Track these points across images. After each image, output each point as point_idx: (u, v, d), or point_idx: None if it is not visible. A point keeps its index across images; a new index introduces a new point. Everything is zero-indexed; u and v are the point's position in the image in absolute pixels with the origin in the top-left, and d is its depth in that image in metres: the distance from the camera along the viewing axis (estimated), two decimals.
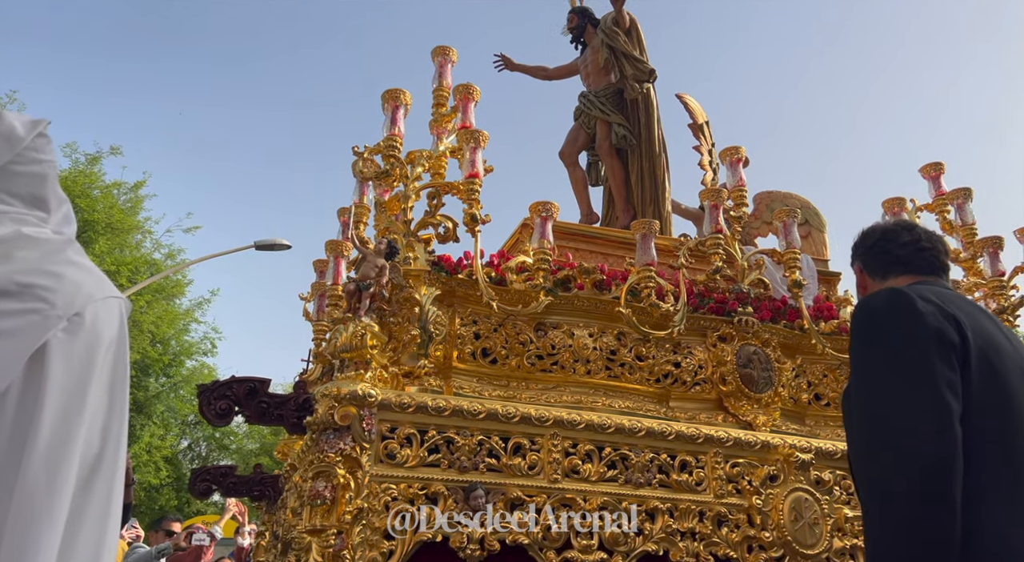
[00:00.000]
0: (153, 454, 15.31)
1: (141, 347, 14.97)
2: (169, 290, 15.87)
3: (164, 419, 16.90)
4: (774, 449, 3.38)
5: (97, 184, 14.93)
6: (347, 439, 2.61)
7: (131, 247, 15.29)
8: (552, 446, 3.08)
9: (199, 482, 4.14)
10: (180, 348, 16.81)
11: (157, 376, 16.43)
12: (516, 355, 3.40)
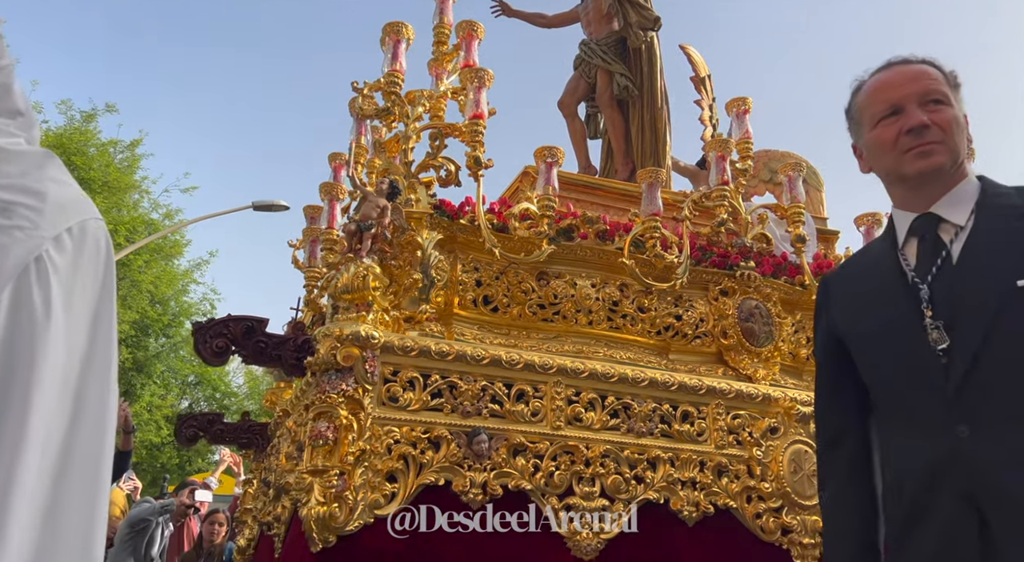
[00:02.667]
0: (154, 413, 15.26)
1: (140, 307, 14.79)
2: (167, 250, 15.68)
3: (164, 379, 16.84)
4: (775, 402, 3.38)
5: (93, 142, 14.58)
6: (349, 380, 2.55)
7: (128, 206, 15.01)
8: (555, 394, 3.05)
9: (186, 428, 4.07)
10: (179, 309, 16.70)
11: (157, 336, 16.32)
12: (518, 304, 3.35)
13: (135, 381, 15.31)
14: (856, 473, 1.54)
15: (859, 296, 1.54)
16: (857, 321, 1.52)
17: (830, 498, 1.56)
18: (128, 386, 15.23)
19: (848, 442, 1.55)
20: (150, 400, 15.53)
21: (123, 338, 14.41)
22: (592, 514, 2.92)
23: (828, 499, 1.57)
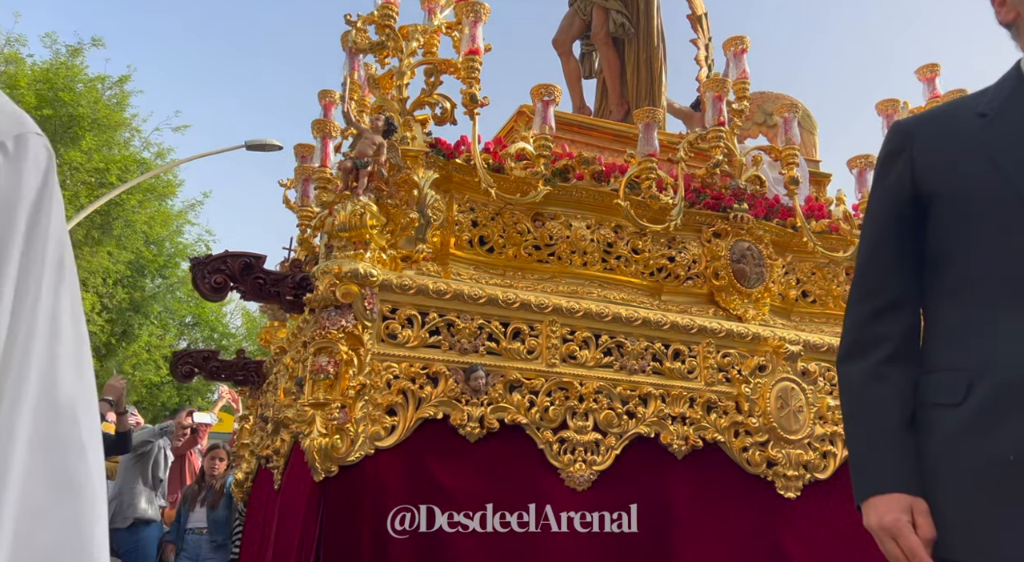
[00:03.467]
0: (152, 353, 15.35)
1: (135, 247, 14.70)
2: (160, 190, 15.47)
3: (162, 319, 16.89)
4: (764, 341, 3.42)
5: (80, 77, 14.17)
6: (348, 317, 2.55)
7: (119, 145, 14.72)
8: (551, 332, 3.07)
9: (181, 364, 4.09)
10: (174, 250, 16.62)
11: (153, 277, 16.29)
12: (513, 245, 3.34)
13: (132, 321, 15.33)
14: (911, 348, 1.32)
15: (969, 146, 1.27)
16: (965, 175, 1.26)
17: (868, 370, 1.31)
18: (126, 326, 15.26)
19: (907, 312, 1.34)
20: (148, 340, 15.59)
21: (119, 278, 14.36)
22: (585, 447, 2.99)
23: (866, 371, 1.32)
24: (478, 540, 2.70)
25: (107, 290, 13.89)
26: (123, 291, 14.57)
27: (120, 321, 15.23)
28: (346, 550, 2.50)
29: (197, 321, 18.90)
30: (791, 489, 3.26)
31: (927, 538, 1.20)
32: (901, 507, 1.22)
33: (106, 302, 13.92)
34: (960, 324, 1.26)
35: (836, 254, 3.89)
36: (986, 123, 1.26)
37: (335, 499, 2.53)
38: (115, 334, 14.98)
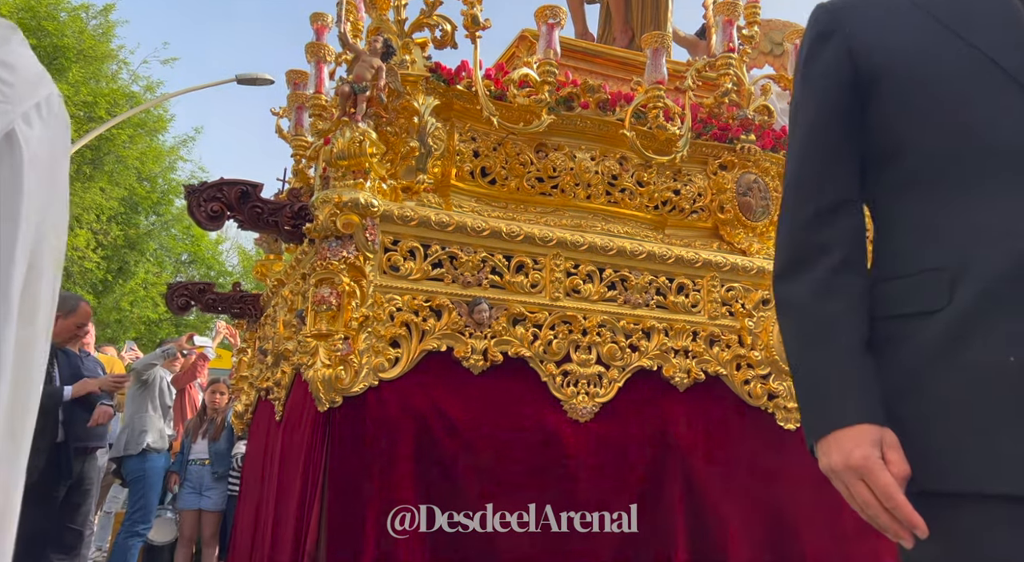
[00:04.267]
0: (149, 290, 15.25)
1: (128, 183, 14.40)
2: (151, 125, 15.07)
3: (158, 257, 16.73)
4: (768, 274, 3.34)
5: (63, 6, 13.59)
6: (350, 248, 2.45)
7: (107, 78, 14.24)
8: (554, 266, 2.99)
9: (177, 296, 4.00)
10: (168, 187, 16.33)
11: (147, 214, 16.04)
12: (516, 176, 3.22)
13: (128, 258, 15.18)
14: (860, 256, 1.13)
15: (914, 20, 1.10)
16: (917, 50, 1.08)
17: (817, 283, 1.12)
18: (122, 263, 15.12)
19: (853, 213, 1.15)
20: (144, 277, 15.49)
21: (113, 215, 14.15)
22: (588, 380, 2.94)
23: (814, 285, 1.12)
24: (481, 465, 2.67)
25: (101, 227, 13.69)
26: (117, 228, 14.37)
27: (116, 258, 15.07)
28: (352, 479, 2.47)
29: (193, 259, 18.76)
30: (791, 421, 3.24)
31: (902, 476, 1.02)
32: (870, 441, 1.02)
33: (101, 239, 13.74)
34: (928, 219, 1.06)
35: None
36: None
37: (340, 429, 2.49)
38: (111, 271, 14.85)
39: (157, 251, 16.79)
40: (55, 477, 3.81)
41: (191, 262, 18.57)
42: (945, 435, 1.00)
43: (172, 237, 17.12)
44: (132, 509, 4.71)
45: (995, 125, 0.99)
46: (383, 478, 2.50)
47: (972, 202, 1.00)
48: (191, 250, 18.18)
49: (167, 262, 17.68)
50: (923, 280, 1.03)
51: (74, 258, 12.85)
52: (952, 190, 1.03)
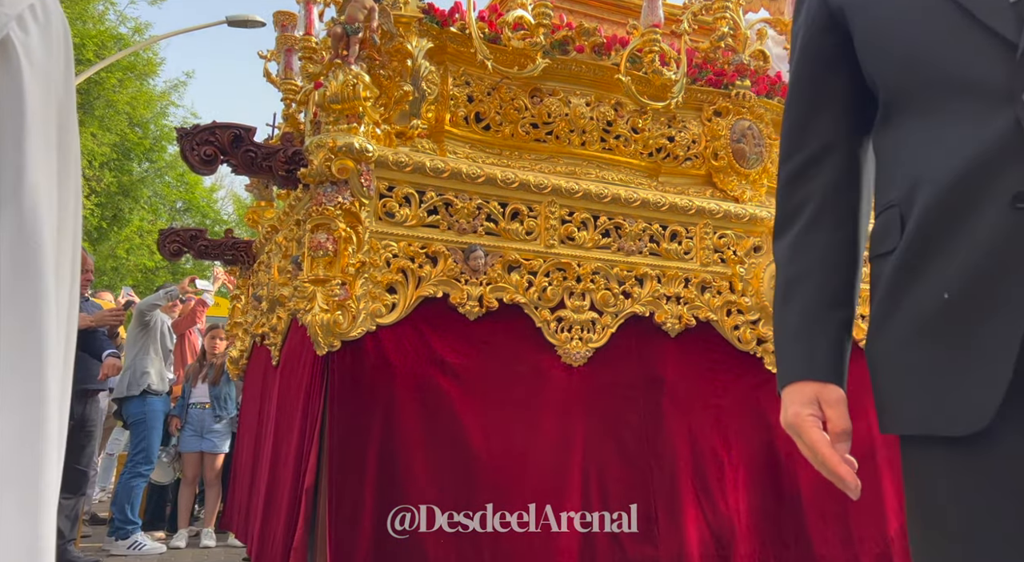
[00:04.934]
0: (144, 238, 15.04)
1: (120, 129, 14.04)
2: (141, 69, 14.60)
3: (152, 204, 16.43)
4: (761, 221, 3.32)
5: None
6: (345, 193, 2.40)
7: (94, 19, 13.71)
8: (549, 213, 2.94)
9: (169, 242, 3.94)
10: (160, 133, 15.92)
11: (140, 161, 15.69)
12: (510, 122, 3.15)
13: (122, 205, 14.96)
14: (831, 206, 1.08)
15: None
16: None
17: (790, 244, 1.10)
18: (116, 211, 14.91)
19: (833, 160, 1.09)
20: (139, 225, 15.28)
21: (105, 161, 13.88)
22: (582, 326, 2.94)
23: (789, 245, 1.10)
24: (476, 409, 2.68)
25: (94, 173, 13.44)
26: (110, 175, 14.12)
27: (110, 206, 14.86)
28: (352, 420, 2.48)
29: (188, 207, 18.50)
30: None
31: (837, 431, 1.02)
32: (803, 398, 1.04)
33: (94, 185, 13.51)
34: (893, 154, 1.01)
35: None
36: None
37: (339, 373, 2.48)
38: (106, 218, 14.66)
39: (151, 199, 16.53)
40: None
41: (186, 210, 18.32)
42: (889, 378, 1.00)
43: (166, 184, 16.82)
44: (134, 451, 4.75)
45: (945, 56, 0.93)
46: (382, 420, 2.51)
47: (924, 135, 0.96)
48: (186, 198, 17.91)
49: (162, 210, 17.43)
50: (886, 218, 1.00)
51: None
52: (911, 124, 0.99)
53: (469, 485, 2.62)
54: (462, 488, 2.60)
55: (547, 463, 2.77)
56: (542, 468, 2.76)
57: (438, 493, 2.55)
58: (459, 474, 2.61)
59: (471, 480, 2.62)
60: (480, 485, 2.63)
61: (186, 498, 5.00)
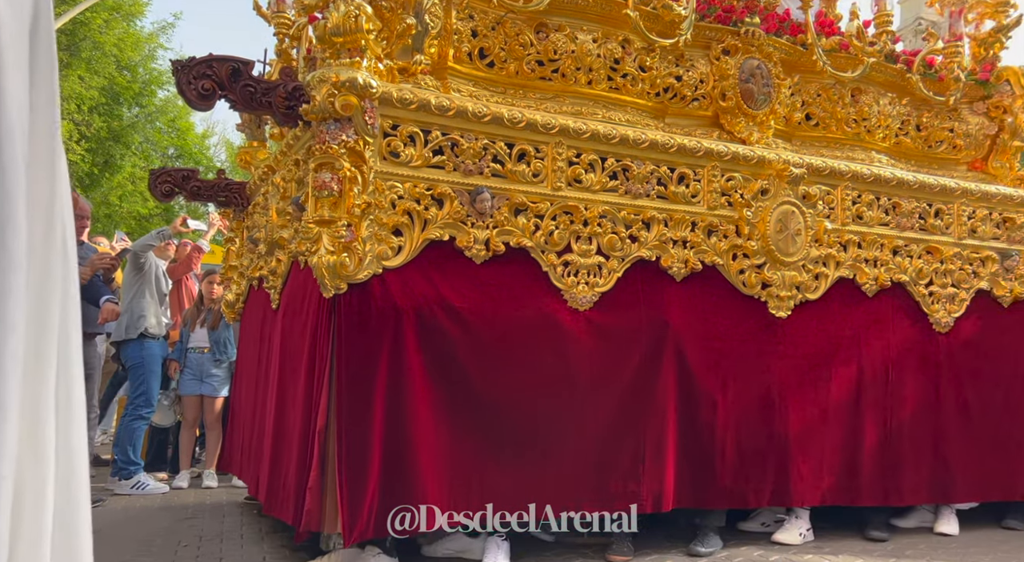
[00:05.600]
0: (137, 185, 14.62)
1: (108, 72, 13.48)
2: (127, 9, 13.92)
3: (144, 150, 15.93)
4: (769, 164, 3.22)
5: None
6: (349, 131, 2.27)
7: None
8: (556, 154, 2.82)
9: (160, 183, 3.77)
10: (149, 77, 15.30)
11: (129, 106, 15.12)
12: (515, 59, 2.99)
13: (114, 151, 14.54)
14: None
15: None
16: None
17: None
18: (107, 156, 14.50)
19: None
20: (131, 171, 14.87)
21: (94, 105, 13.42)
22: (588, 270, 2.86)
23: None
24: (482, 352, 2.62)
25: (83, 118, 13.02)
26: (100, 119, 13.67)
27: (101, 151, 14.45)
28: (361, 362, 2.41)
29: (180, 153, 18.02)
30: (782, 309, 3.21)
31: None
32: None
33: (83, 130, 13.10)
34: None
35: (844, 74, 3.59)
36: None
37: (346, 316, 2.40)
38: (97, 164, 14.28)
39: (143, 144, 16.05)
40: None
41: (178, 157, 17.83)
42: None
43: (157, 130, 16.31)
44: (134, 394, 4.69)
45: None
46: (390, 363, 2.44)
47: None
48: (178, 144, 17.42)
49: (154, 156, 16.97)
50: None
51: None
52: None
53: (473, 427, 2.57)
54: (466, 430, 2.56)
55: (553, 404, 2.73)
56: (547, 409, 2.71)
57: (445, 434, 2.50)
58: (464, 416, 2.56)
59: (475, 422, 2.58)
60: (483, 426, 2.59)
61: (187, 441, 4.98)
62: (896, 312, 3.47)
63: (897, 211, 3.53)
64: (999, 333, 3.67)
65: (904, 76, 3.78)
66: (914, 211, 3.57)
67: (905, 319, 3.49)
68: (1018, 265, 3.71)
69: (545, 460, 2.70)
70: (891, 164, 3.75)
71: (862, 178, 3.43)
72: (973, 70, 3.99)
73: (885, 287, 3.44)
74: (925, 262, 3.56)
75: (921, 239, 3.57)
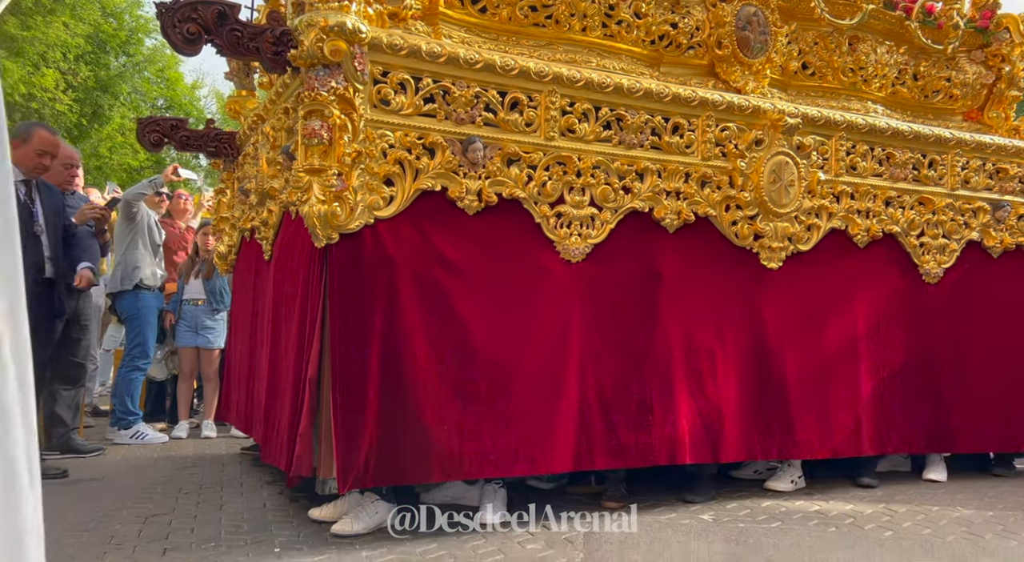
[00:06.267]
0: (127, 136, 14.29)
1: (93, 19, 13.04)
2: None
3: (133, 101, 15.54)
4: (764, 113, 3.16)
5: None
6: (338, 78, 2.20)
7: None
8: (550, 103, 2.76)
9: (148, 132, 3.68)
10: (135, 24, 14.81)
11: (116, 54, 14.67)
12: (508, 5, 2.90)
13: (102, 102, 14.21)
14: None
15: None
16: None
17: None
18: (95, 107, 14.17)
19: None
20: (121, 122, 14.56)
21: (80, 54, 13.05)
22: (581, 221, 2.82)
23: None
24: (475, 304, 2.60)
25: (69, 66, 12.67)
26: (87, 68, 13.31)
27: (88, 101, 14.12)
28: (353, 313, 2.39)
29: (170, 105, 17.62)
30: (774, 260, 3.20)
31: None
32: None
33: (70, 80, 12.77)
34: None
35: (842, 21, 3.51)
36: None
37: (338, 266, 2.37)
38: (85, 115, 13.98)
39: (131, 95, 15.67)
40: (50, 313, 3.70)
41: (168, 108, 17.44)
42: None
43: (146, 80, 15.90)
44: (130, 345, 4.67)
45: None
46: (383, 313, 2.42)
47: None
48: (167, 95, 17.03)
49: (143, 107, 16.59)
50: None
51: (44, 100, 11.99)
52: None
53: (469, 377, 2.57)
54: (462, 381, 2.56)
55: (546, 356, 2.72)
56: (541, 360, 2.71)
57: (439, 384, 2.50)
58: (459, 367, 2.56)
59: (471, 373, 2.57)
60: (479, 377, 2.59)
61: (184, 392, 4.99)
62: (887, 264, 3.46)
63: (891, 162, 3.49)
64: (988, 284, 3.67)
65: (903, 23, 3.69)
66: (908, 162, 3.53)
67: (895, 270, 3.48)
68: (1009, 216, 3.70)
69: (541, 412, 2.70)
70: (887, 114, 3.69)
71: (857, 128, 3.38)
72: (972, 18, 3.90)
73: (877, 238, 3.42)
74: (917, 213, 3.53)
75: (914, 190, 3.53)
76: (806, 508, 2.95)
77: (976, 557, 2.31)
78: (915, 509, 2.95)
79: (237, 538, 2.48)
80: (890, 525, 2.69)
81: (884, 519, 2.78)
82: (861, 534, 2.57)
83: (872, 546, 2.42)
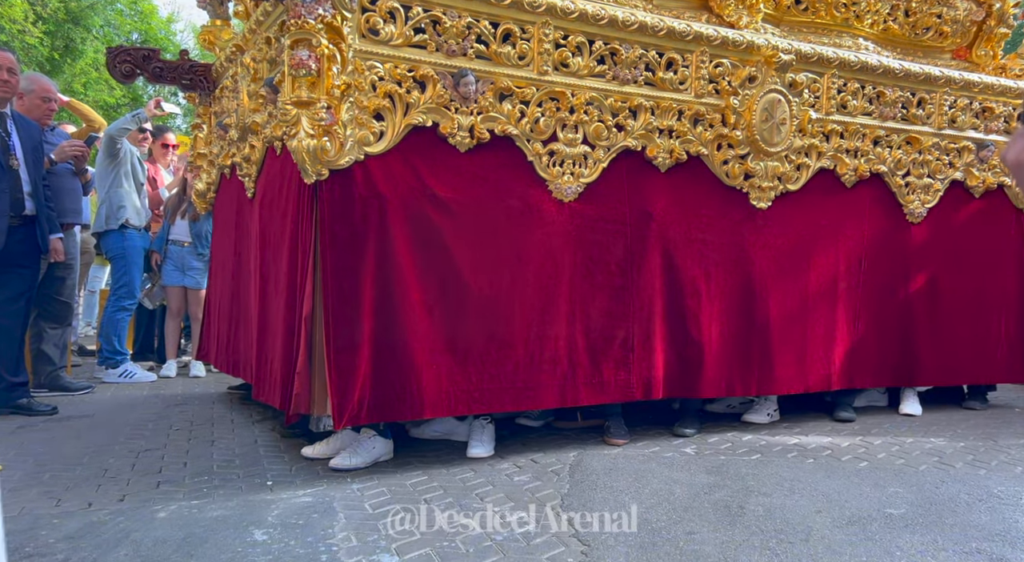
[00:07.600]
0: (101, 71, 13.62)
1: None
2: None
3: (106, 34, 14.76)
4: (758, 49, 3.03)
5: None
6: (326, 4, 2.05)
7: None
8: (543, 36, 2.61)
9: (119, 63, 3.46)
10: None
11: None
12: None
13: (74, 35, 13.51)
14: None
15: None
16: None
17: None
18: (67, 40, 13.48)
19: None
20: (94, 57, 13.90)
21: None
22: (574, 160, 2.72)
23: None
24: (467, 242, 2.52)
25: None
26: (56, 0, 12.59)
27: (60, 35, 13.42)
28: (345, 251, 2.31)
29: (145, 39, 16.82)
30: (763, 200, 3.14)
31: None
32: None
33: (39, 11, 12.08)
34: None
35: None
36: None
37: (328, 203, 2.27)
38: (57, 49, 13.31)
39: (104, 28, 14.93)
40: (33, 251, 3.57)
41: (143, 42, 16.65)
42: None
43: (119, 13, 15.12)
44: (116, 285, 4.55)
45: None
46: (376, 251, 2.34)
47: None
48: (141, 29, 16.24)
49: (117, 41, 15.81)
50: None
51: (13, 32, 11.37)
52: None
53: (461, 315, 2.51)
54: (454, 318, 2.50)
55: (536, 295, 2.67)
56: (531, 299, 2.66)
57: (430, 322, 2.44)
58: (451, 305, 2.50)
59: (463, 311, 2.52)
60: (471, 315, 2.53)
61: (172, 330, 4.90)
62: (872, 203, 3.42)
63: (881, 101, 3.40)
64: (970, 223, 3.65)
65: None
66: (897, 100, 3.44)
67: (880, 210, 3.45)
68: (993, 155, 3.65)
69: (529, 349, 2.66)
70: (877, 52, 3.58)
71: (849, 65, 3.27)
72: None
73: (864, 178, 3.37)
74: (904, 152, 3.47)
75: (902, 129, 3.46)
76: (785, 441, 2.98)
77: (947, 485, 2.35)
78: (890, 441, 3.00)
79: (230, 472, 2.45)
80: (866, 456, 2.73)
81: (860, 451, 2.82)
82: (838, 465, 2.61)
83: (848, 476, 2.46)
